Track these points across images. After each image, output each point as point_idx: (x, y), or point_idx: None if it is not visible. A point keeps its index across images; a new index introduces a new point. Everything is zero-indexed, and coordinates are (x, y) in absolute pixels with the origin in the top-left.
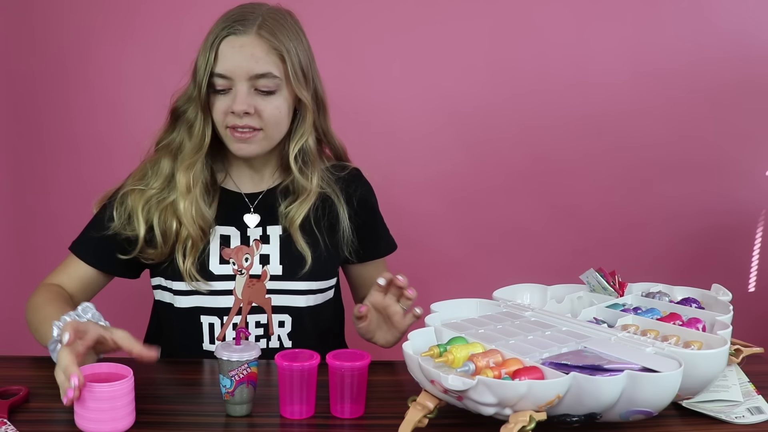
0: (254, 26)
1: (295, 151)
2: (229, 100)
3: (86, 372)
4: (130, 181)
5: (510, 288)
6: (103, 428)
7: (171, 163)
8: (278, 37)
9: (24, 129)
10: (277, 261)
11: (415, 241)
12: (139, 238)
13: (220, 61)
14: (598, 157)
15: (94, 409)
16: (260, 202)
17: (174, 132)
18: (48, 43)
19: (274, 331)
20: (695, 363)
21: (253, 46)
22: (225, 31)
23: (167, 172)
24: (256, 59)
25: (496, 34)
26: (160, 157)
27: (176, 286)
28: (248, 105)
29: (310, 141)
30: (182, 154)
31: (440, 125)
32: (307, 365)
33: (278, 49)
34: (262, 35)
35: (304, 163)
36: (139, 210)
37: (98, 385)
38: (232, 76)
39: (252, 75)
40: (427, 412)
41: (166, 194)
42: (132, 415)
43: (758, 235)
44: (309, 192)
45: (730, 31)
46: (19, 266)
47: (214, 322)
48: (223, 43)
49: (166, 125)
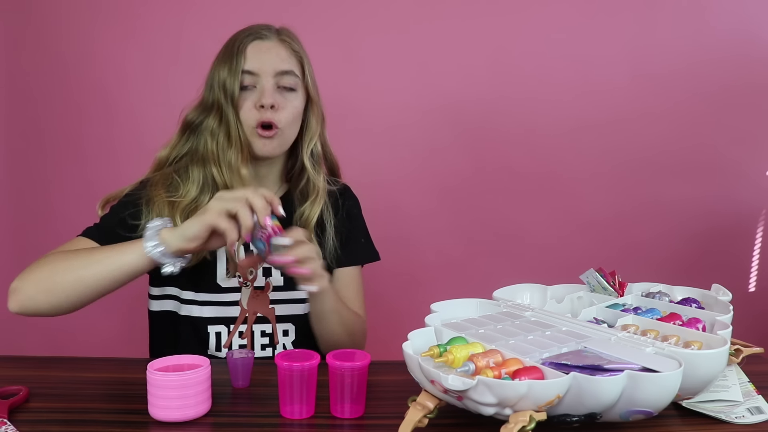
0: (275, 34)
1: (309, 151)
2: (255, 96)
3: (165, 363)
4: (154, 192)
5: (510, 288)
6: (172, 415)
7: (202, 170)
8: (296, 44)
9: (24, 129)
10: (279, 272)
11: (415, 241)
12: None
13: (249, 60)
14: (598, 157)
15: (162, 396)
16: None
17: (189, 143)
18: (48, 43)
19: (279, 339)
20: (695, 363)
21: (278, 49)
22: (250, 37)
23: (202, 178)
24: (281, 58)
25: (496, 34)
26: (188, 166)
27: (186, 295)
28: (274, 99)
29: (318, 145)
30: (228, 160)
31: (441, 126)
32: (307, 365)
33: (298, 53)
34: (285, 41)
35: (317, 163)
36: (178, 220)
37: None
38: (259, 72)
39: (278, 71)
40: (427, 412)
41: (201, 199)
42: (205, 403)
43: (758, 235)
44: (319, 191)
45: (730, 32)
46: (19, 266)
47: (221, 330)
48: (250, 47)
49: (178, 138)
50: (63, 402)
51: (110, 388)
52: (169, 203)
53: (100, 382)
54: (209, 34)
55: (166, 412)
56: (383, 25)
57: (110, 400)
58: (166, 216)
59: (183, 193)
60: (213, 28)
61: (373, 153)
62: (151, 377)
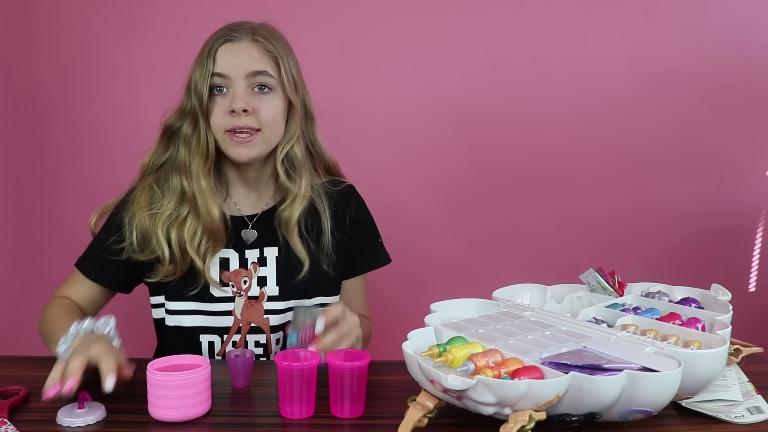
0: (249, 34)
1: (282, 156)
2: (227, 101)
3: (165, 363)
4: (136, 207)
5: (510, 288)
6: (172, 415)
7: (180, 179)
8: (272, 42)
9: (24, 129)
10: (274, 282)
11: (416, 241)
12: (165, 259)
13: (218, 63)
14: (598, 157)
15: (162, 396)
16: (257, 224)
17: (170, 150)
18: (48, 43)
19: (273, 350)
20: (695, 363)
21: (249, 49)
22: (221, 40)
23: (179, 188)
24: (252, 59)
25: (495, 34)
26: (167, 175)
27: (174, 306)
28: (246, 103)
29: (296, 148)
30: (192, 168)
31: (441, 126)
32: (307, 365)
33: (272, 52)
34: (257, 40)
35: (291, 167)
36: (160, 233)
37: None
38: (229, 74)
39: (249, 72)
40: (426, 412)
41: (181, 210)
42: (205, 403)
43: (758, 235)
44: (296, 195)
45: (731, 30)
46: (19, 266)
47: (214, 340)
48: (220, 49)
49: (158, 144)
50: (63, 402)
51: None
52: (149, 216)
53: (100, 381)
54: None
55: (166, 412)
56: (383, 27)
57: (110, 400)
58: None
59: (162, 205)
60: (213, 28)
61: (374, 153)
62: (151, 377)
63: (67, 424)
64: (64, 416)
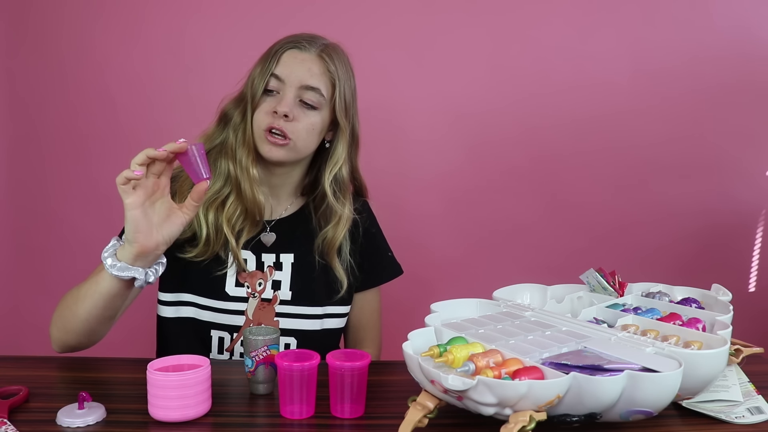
0: (317, 48)
1: (331, 177)
2: (274, 101)
3: (165, 363)
4: (178, 185)
5: (510, 288)
6: (172, 415)
7: (228, 163)
8: (335, 63)
9: (24, 129)
10: (288, 287)
11: (416, 241)
12: (201, 238)
13: (280, 66)
14: (599, 158)
15: (162, 396)
16: (274, 229)
17: (223, 134)
18: (48, 43)
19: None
20: (695, 363)
21: (312, 63)
22: (290, 44)
23: (226, 172)
24: (311, 73)
25: (496, 35)
26: (216, 158)
27: (189, 298)
28: (290, 109)
29: (344, 170)
30: (238, 155)
31: (441, 126)
32: (307, 365)
33: (332, 73)
34: (323, 57)
35: (339, 189)
36: (200, 212)
37: (171, 374)
38: (285, 79)
39: (302, 85)
40: (427, 412)
41: (223, 191)
42: (205, 403)
43: (758, 234)
44: (340, 217)
45: (731, 30)
46: (19, 266)
47: (224, 336)
48: (286, 53)
49: (215, 128)
50: (63, 402)
51: (110, 388)
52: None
53: (100, 382)
54: (210, 34)
55: (166, 412)
56: (386, 29)
57: (110, 400)
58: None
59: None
60: (213, 28)
61: (373, 154)
62: (151, 377)
63: (67, 425)
64: (63, 416)
